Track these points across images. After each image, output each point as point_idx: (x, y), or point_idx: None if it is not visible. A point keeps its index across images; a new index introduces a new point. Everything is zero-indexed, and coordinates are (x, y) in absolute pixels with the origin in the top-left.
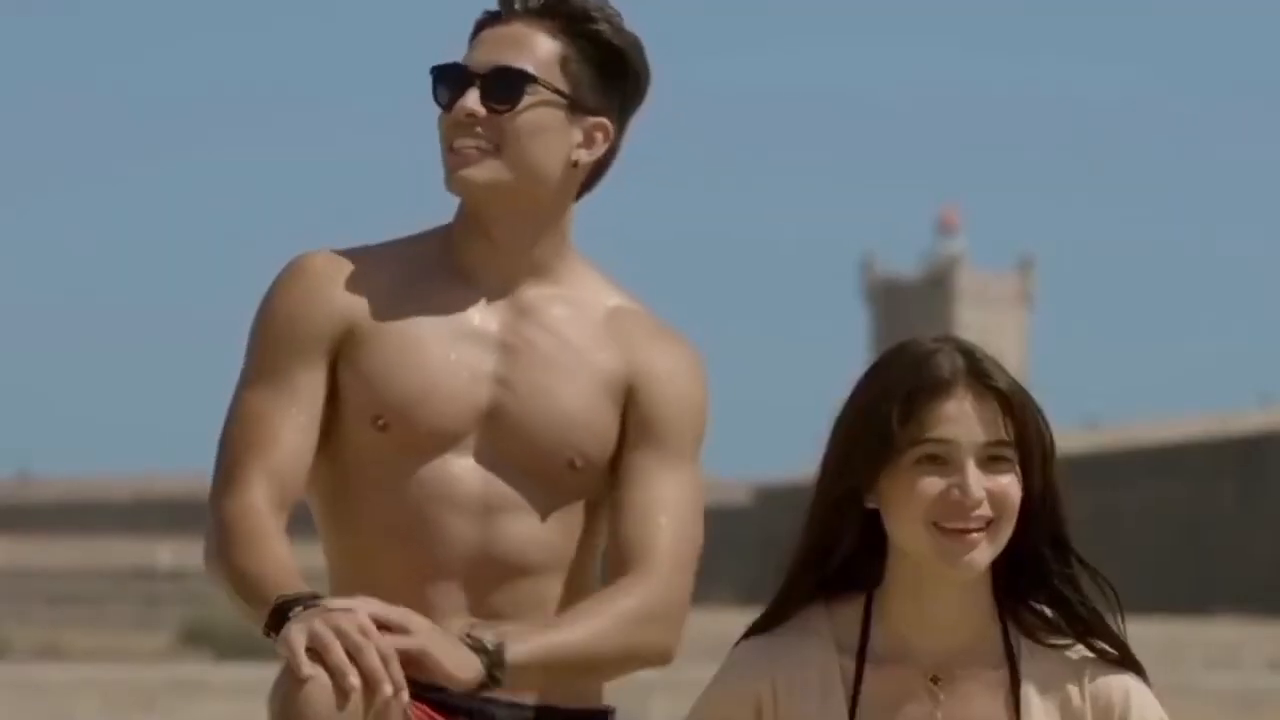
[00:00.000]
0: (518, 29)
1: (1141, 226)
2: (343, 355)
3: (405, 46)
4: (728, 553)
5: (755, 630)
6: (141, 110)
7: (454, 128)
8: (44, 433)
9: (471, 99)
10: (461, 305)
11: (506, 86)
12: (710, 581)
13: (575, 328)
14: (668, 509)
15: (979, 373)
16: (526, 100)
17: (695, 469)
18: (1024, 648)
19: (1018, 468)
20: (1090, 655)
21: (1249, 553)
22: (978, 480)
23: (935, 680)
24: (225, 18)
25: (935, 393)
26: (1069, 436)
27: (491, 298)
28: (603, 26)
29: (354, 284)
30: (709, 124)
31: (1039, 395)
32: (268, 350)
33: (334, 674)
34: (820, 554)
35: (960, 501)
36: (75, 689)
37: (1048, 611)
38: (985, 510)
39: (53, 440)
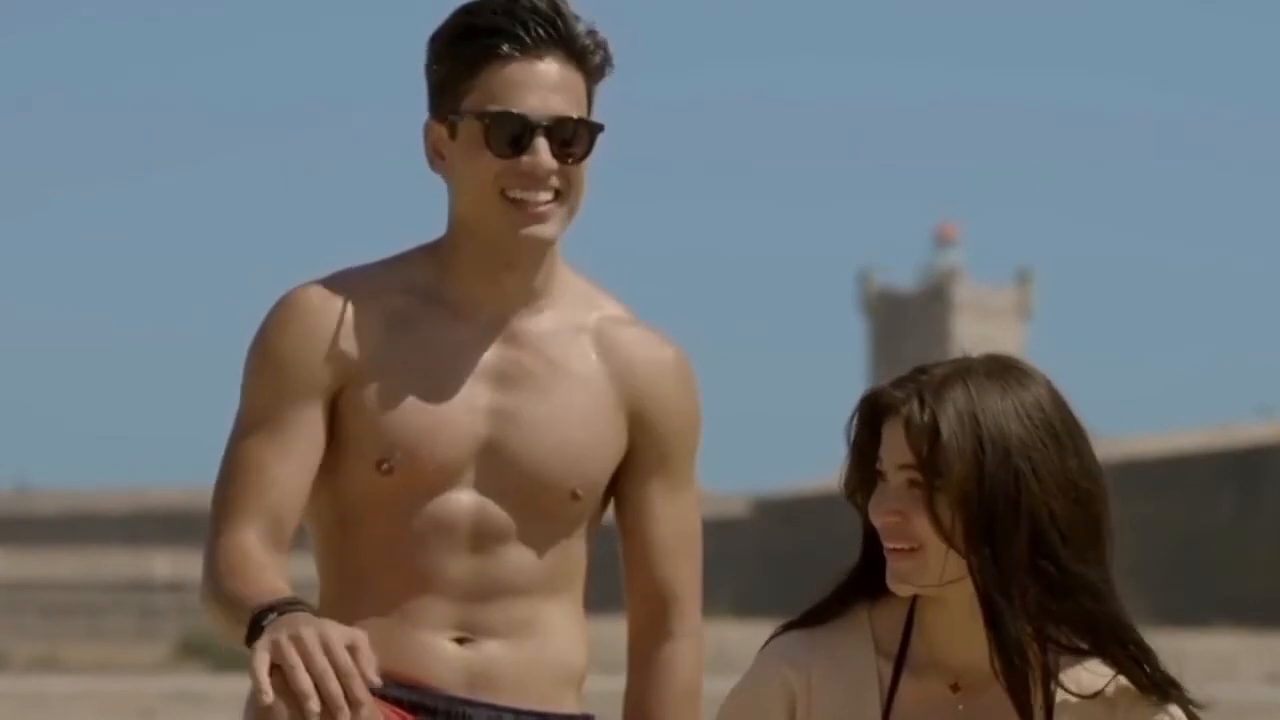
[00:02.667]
0: (553, 69)
1: (1140, 239)
2: (343, 398)
3: (401, 56)
4: (725, 565)
5: (795, 625)
6: (141, 122)
7: (523, 179)
8: (42, 445)
9: (546, 154)
10: (458, 339)
11: (577, 139)
12: (708, 593)
13: (570, 350)
14: (686, 537)
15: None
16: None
17: (695, 475)
18: (1060, 670)
19: (936, 495)
20: (1129, 683)
21: (1247, 565)
22: (886, 498)
23: (955, 688)
24: (229, 26)
25: (881, 417)
26: None
27: (486, 328)
28: (601, 59)
29: (351, 322)
30: (705, 135)
31: None
32: (265, 393)
33: (296, 698)
34: (869, 561)
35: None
36: (75, 700)
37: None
38: (898, 543)
39: (50, 453)
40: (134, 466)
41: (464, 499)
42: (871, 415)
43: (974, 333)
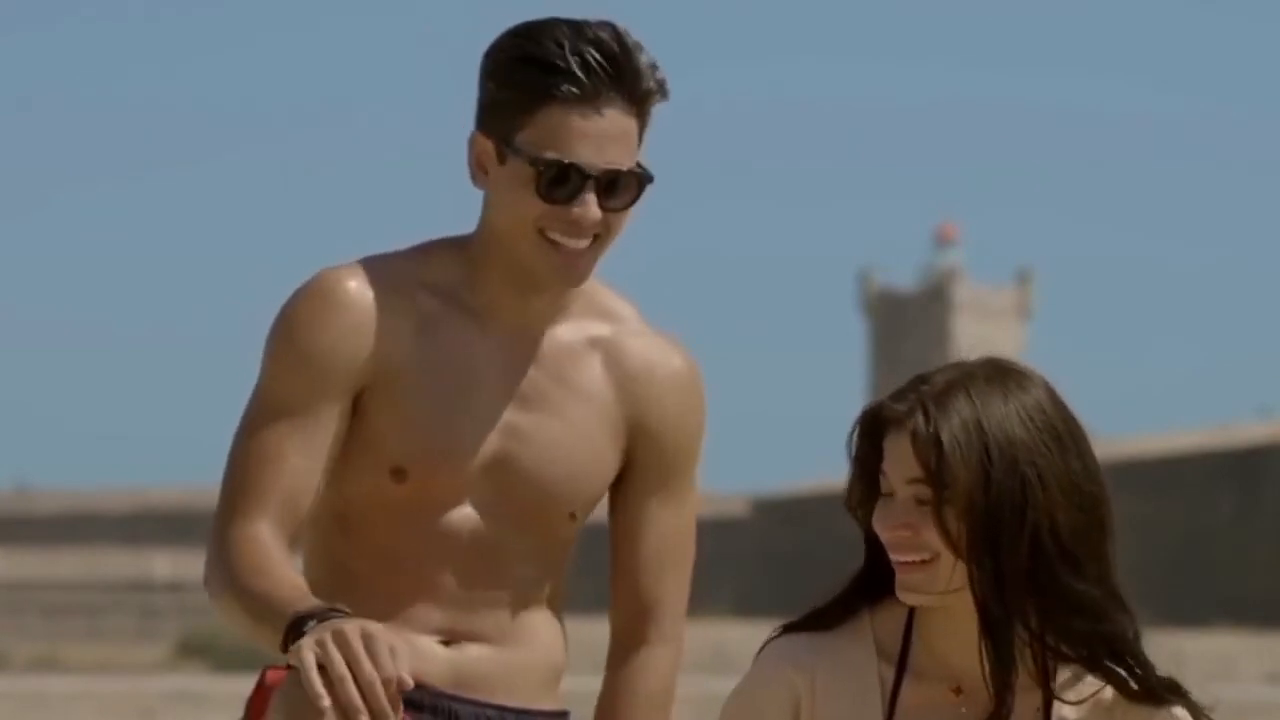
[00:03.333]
0: (611, 116)
1: (1140, 239)
2: (367, 399)
3: (402, 56)
4: (725, 565)
5: (796, 628)
6: (141, 122)
7: (566, 226)
8: (42, 445)
9: (594, 206)
10: (479, 351)
11: (625, 190)
12: (707, 593)
13: (582, 367)
14: (677, 546)
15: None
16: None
17: (695, 484)
18: (1060, 676)
19: (943, 506)
20: (1126, 690)
21: (1247, 565)
22: (894, 512)
23: (957, 692)
24: (229, 26)
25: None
26: None
27: (507, 341)
28: (658, 100)
29: (381, 320)
30: (705, 135)
31: None
32: (290, 382)
33: (342, 707)
34: (872, 567)
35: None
36: (74, 700)
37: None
38: (909, 555)
39: (50, 453)
40: (134, 466)
41: (467, 513)
42: (873, 429)
43: (974, 333)
